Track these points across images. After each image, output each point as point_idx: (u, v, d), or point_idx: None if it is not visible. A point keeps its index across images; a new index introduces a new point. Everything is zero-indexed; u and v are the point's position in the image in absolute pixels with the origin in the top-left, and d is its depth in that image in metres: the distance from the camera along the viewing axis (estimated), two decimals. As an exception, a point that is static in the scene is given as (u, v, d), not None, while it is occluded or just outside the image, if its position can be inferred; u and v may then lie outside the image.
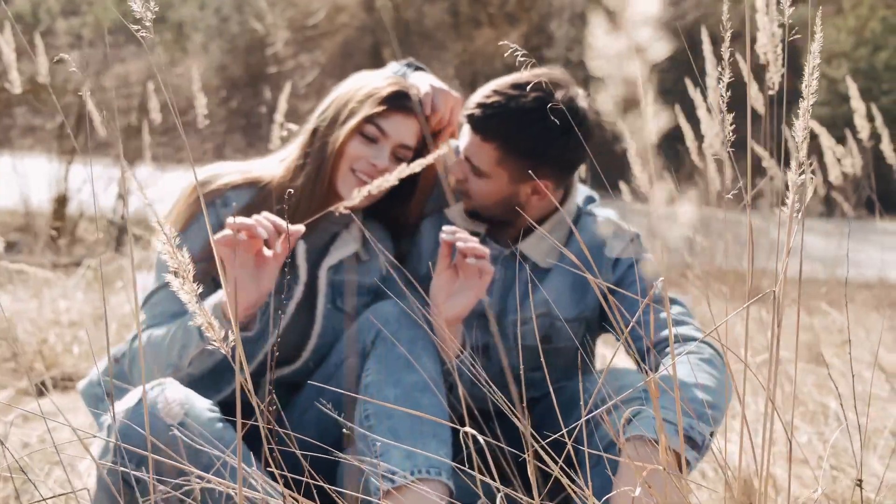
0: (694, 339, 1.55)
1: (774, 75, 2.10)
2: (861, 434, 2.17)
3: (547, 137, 1.59)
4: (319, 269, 1.67)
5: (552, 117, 1.56)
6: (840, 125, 2.97)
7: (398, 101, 1.63)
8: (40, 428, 2.17)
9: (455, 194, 1.75)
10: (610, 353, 3.08)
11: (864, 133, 2.39)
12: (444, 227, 1.52)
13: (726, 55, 1.04)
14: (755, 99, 2.04)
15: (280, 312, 1.59)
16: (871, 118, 2.59)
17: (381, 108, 1.61)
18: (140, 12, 0.91)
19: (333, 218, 1.64)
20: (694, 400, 1.39)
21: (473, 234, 1.64)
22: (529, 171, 1.58)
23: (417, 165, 1.35)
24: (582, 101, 1.65)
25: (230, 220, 1.42)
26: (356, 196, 1.40)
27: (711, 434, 1.39)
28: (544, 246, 1.73)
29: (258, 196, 1.65)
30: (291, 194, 1.60)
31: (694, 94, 2.67)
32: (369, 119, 1.62)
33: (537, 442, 1.08)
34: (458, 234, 1.50)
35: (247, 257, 1.42)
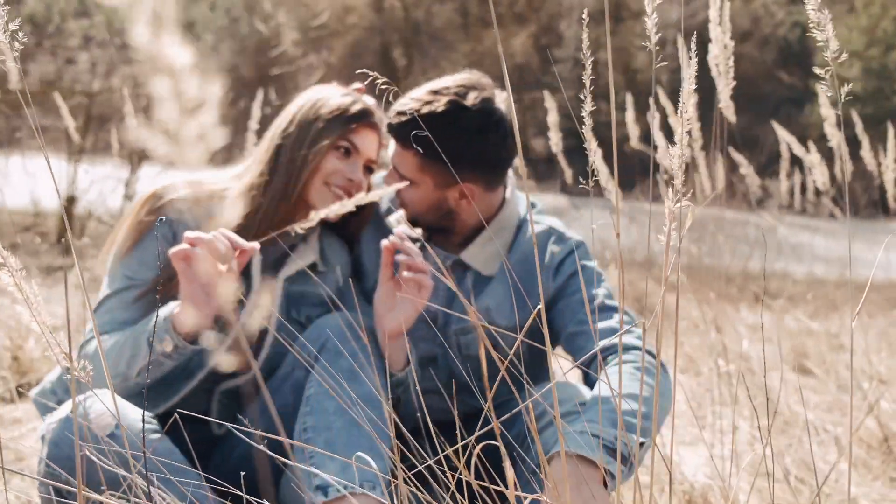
0: (635, 348, 1.56)
1: (724, 90, 2.10)
2: (837, 445, 2.14)
3: (461, 140, 1.61)
4: (276, 280, 1.68)
5: (467, 120, 1.60)
6: (851, 125, 2.93)
7: (367, 118, 1.69)
8: (6, 435, 2.18)
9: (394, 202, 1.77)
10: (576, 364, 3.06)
11: (834, 140, 2.39)
12: (389, 238, 1.54)
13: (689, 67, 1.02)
14: (726, 108, 2.05)
15: (222, 323, 1.59)
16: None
17: (355, 124, 1.66)
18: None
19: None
20: (624, 412, 1.39)
21: (413, 241, 1.65)
22: (449, 176, 1.61)
23: (376, 195, 1.36)
24: (499, 103, 1.67)
25: (187, 233, 1.42)
26: (335, 210, 1.40)
27: (642, 444, 1.38)
28: (486, 254, 1.74)
29: (221, 210, 1.65)
30: (251, 211, 1.62)
31: (666, 101, 2.67)
32: (343, 135, 1.66)
33: (473, 453, 1.09)
34: (403, 244, 1.53)
35: (201, 272, 1.42)
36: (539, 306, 1.03)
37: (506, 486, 1.06)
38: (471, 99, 1.63)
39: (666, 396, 1.53)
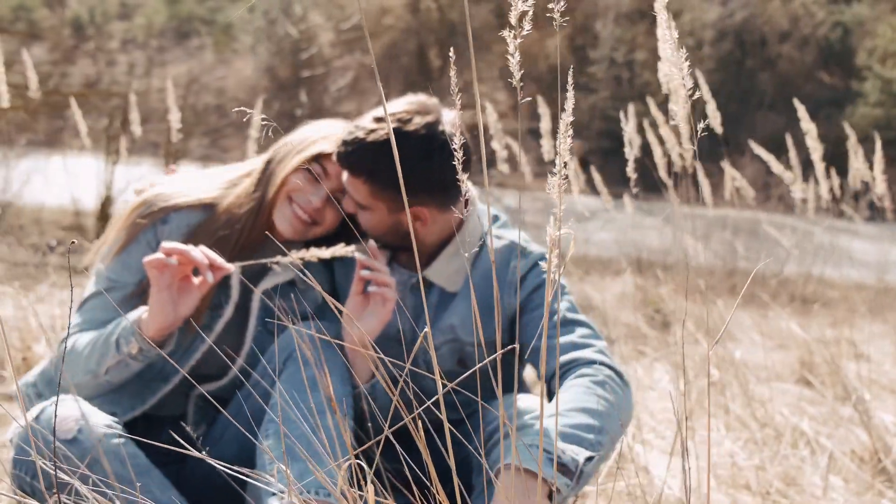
0: (596, 363, 1.57)
1: (680, 109, 2.08)
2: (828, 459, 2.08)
3: (406, 165, 1.58)
4: (253, 292, 1.73)
5: (410, 146, 1.62)
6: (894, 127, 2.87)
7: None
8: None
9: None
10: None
11: (816, 154, 2.35)
12: (359, 257, 1.60)
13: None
14: (713, 117, 2.07)
15: (194, 329, 1.66)
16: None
17: (330, 148, 1.70)
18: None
19: (274, 246, 1.69)
20: (576, 426, 1.41)
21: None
22: (401, 200, 1.61)
23: (339, 252, 1.45)
24: (446, 126, 1.68)
25: (164, 243, 1.51)
26: (310, 255, 1.50)
27: (591, 458, 1.39)
28: (450, 270, 1.76)
29: (205, 220, 1.71)
30: (234, 223, 1.68)
31: (656, 112, 2.65)
32: (317, 157, 1.71)
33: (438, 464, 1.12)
34: (370, 260, 1.59)
35: (172, 281, 1.50)
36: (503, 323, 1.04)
37: (469, 497, 1.06)
38: (413, 124, 1.65)
39: (625, 410, 1.54)
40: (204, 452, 1.63)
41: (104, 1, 20.62)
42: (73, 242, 1.28)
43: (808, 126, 2.57)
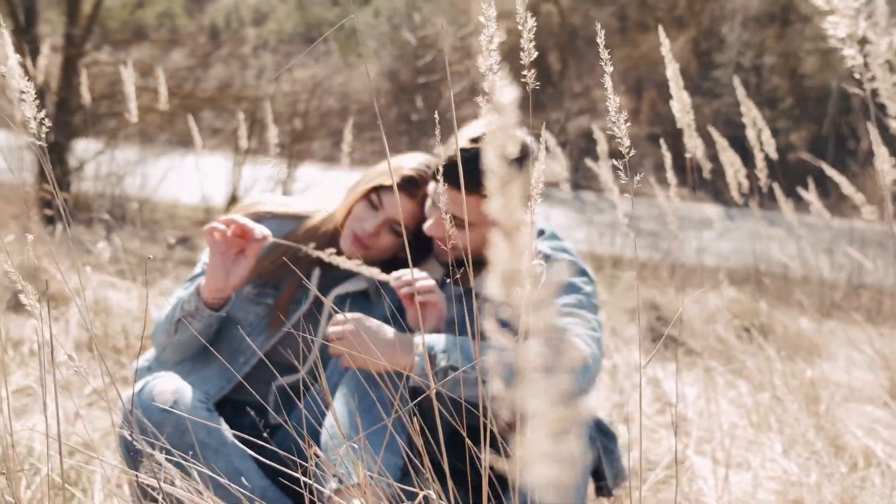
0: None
1: (690, 141, 2.04)
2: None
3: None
4: (328, 296, 1.92)
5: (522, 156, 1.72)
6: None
7: (403, 183, 1.89)
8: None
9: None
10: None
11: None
12: (393, 279, 1.72)
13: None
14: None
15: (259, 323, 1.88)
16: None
17: (388, 182, 1.88)
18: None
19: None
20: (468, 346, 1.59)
21: (434, 280, 1.83)
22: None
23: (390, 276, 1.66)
24: (525, 137, 1.79)
25: (223, 216, 1.75)
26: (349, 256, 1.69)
27: (452, 369, 1.55)
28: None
29: (292, 230, 1.96)
30: (314, 237, 1.92)
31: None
32: (377, 189, 1.89)
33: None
34: (405, 279, 1.70)
35: (227, 249, 1.72)
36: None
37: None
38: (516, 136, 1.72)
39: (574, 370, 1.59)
40: (274, 440, 1.77)
41: (239, 7, 21.64)
42: (174, 243, 1.39)
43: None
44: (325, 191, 2.10)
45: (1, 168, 6.31)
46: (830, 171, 2.96)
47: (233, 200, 7.96)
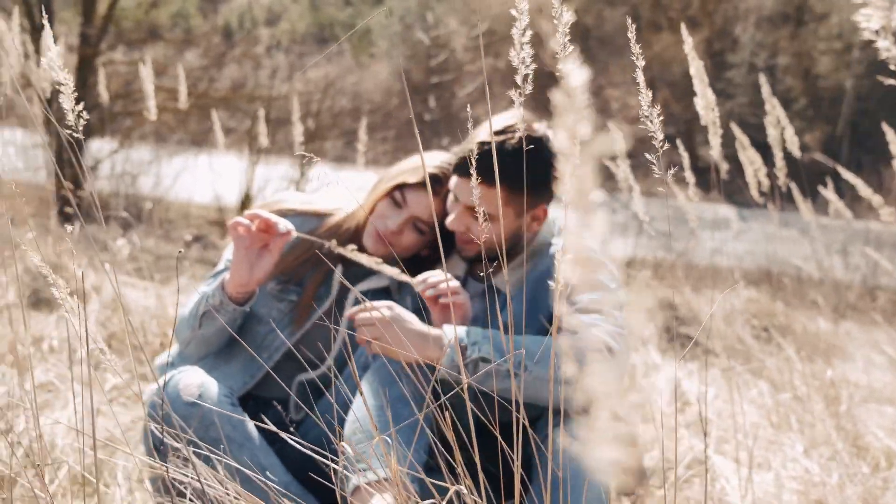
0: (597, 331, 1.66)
1: (714, 138, 2.04)
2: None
3: (542, 168, 1.76)
4: (350, 292, 1.93)
5: (542, 148, 1.75)
6: None
7: (434, 183, 1.90)
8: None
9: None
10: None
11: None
12: (417, 283, 1.72)
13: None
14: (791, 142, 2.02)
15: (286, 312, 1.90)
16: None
17: (412, 179, 1.89)
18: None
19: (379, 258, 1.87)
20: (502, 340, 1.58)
21: (456, 277, 1.87)
22: (531, 201, 1.77)
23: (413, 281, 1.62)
24: (547, 131, 1.81)
25: (248, 212, 1.75)
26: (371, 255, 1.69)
27: (483, 360, 1.55)
28: (513, 279, 1.88)
29: (315, 228, 1.97)
30: (336, 235, 1.93)
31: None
32: (400, 186, 1.90)
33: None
34: (430, 282, 1.71)
35: (251, 244, 1.73)
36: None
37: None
38: (537, 130, 1.78)
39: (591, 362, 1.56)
40: (297, 436, 1.78)
41: (253, 7, 21.70)
42: (189, 241, 1.41)
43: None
44: (342, 189, 2.09)
45: (17, 167, 6.35)
46: (847, 174, 2.94)
47: (246, 200, 7.97)
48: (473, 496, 1.23)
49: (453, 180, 1.83)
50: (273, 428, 1.50)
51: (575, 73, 0.53)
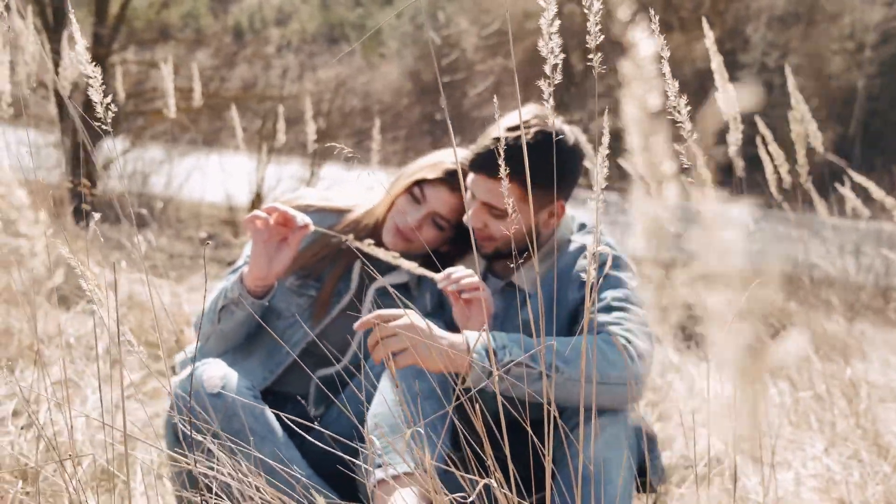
0: (610, 333, 1.64)
1: (734, 134, 2.03)
2: None
3: (559, 161, 1.76)
4: (369, 288, 1.93)
5: (559, 143, 1.75)
6: None
7: (448, 177, 1.89)
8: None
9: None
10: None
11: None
12: (441, 278, 1.70)
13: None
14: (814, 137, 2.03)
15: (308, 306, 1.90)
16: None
17: (431, 175, 1.88)
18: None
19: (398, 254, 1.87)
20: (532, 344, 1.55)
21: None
22: (547, 197, 1.78)
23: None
24: (562, 126, 1.82)
25: (266, 206, 1.74)
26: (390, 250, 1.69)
27: (512, 363, 1.52)
28: (532, 275, 1.87)
29: (334, 224, 1.97)
30: (355, 231, 1.92)
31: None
32: (420, 182, 1.89)
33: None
34: (451, 276, 1.68)
35: (269, 237, 1.73)
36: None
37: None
38: (553, 125, 1.78)
39: (612, 370, 1.58)
40: (316, 431, 1.78)
41: (263, 7, 21.77)
42: (208, 238, 1.43)
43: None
44: (357, 187, 2.10)
45: (30, 167, 6.38)
46: (858, 177, 2.92)
47: (257, 199, 7.99)
48: (504, 489, 1.23)
49: (470, 177, 1.84)
50: (297, 420, 1.51)
51: (644, 42, 0.53)
